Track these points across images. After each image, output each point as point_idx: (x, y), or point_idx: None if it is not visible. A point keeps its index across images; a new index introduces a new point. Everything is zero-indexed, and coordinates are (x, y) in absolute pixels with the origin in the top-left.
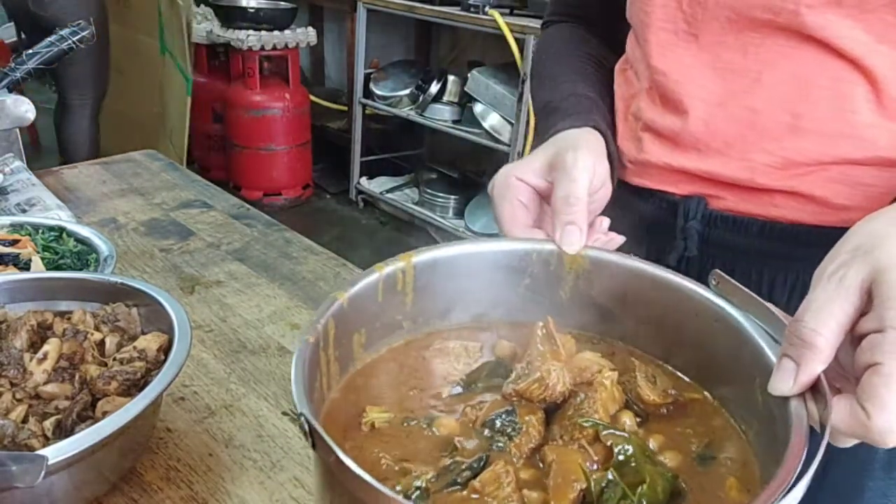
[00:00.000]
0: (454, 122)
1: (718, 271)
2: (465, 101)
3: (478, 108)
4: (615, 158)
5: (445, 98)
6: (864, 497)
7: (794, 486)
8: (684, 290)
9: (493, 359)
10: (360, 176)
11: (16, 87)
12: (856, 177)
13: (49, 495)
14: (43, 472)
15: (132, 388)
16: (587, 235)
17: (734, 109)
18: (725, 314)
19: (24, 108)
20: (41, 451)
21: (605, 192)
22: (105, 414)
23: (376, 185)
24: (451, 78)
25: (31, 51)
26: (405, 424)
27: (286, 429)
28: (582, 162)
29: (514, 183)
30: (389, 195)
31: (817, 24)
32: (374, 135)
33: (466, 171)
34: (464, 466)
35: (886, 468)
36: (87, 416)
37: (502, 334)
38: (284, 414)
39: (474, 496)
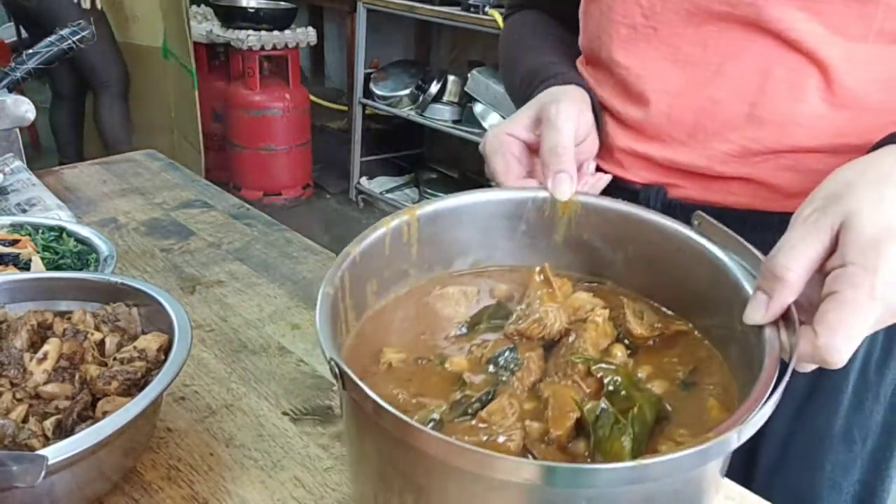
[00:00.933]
0: (454, 122)
1: (700, 212)
2: (465, 101)
3: (478, 108)
4: (599, 111)
5: (445, 98)
6: (825, 470)
7: (766, 402)
8: (668, 229)
9: (492, 302)
10: (360, 176)
11: (16, 87)
12: (807, 164)
13: (50, 495)
14: (43, 472)
15: (132, 387)
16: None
17: (695, 100)
18: (706, 251)
19: (24, 108)
20: (41, 451)
21: (592, 142)
22: (105, 414)
23: (376, 185)
24: (451, 78)
25: (31, 51)
26: (418, 363)
27: (287, 428)
28: (565, 112)
29: (505, 139)
30: (389, 195)
31: (773, 16)
32: (374, 135)
33: (466, 171)
34: (473, 399)
35: (844, 442)
36: (88, 415)
37: (500, 278)
38: (285, 413)
39: (482, 425)
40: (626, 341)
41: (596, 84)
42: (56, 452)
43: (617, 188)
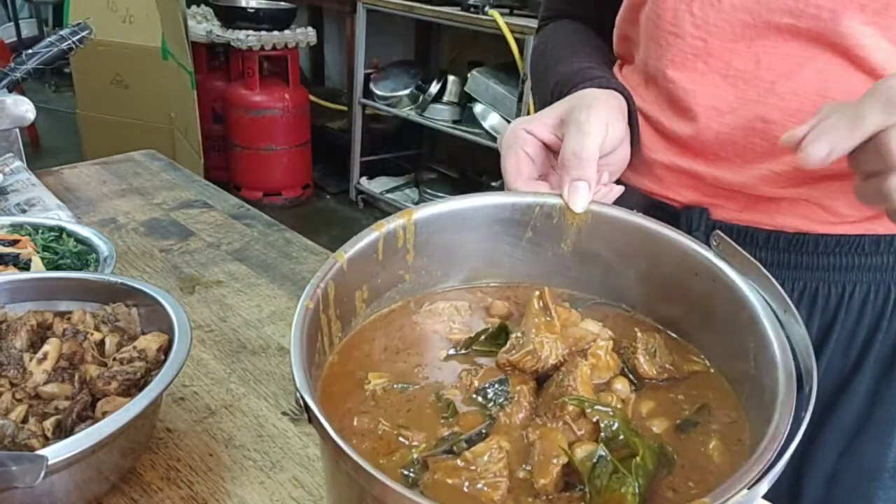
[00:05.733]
0: (454, 122)
1: (720, 232)
2: (465, 101)
3: (478, 108)
4: (636, 121)
5: (445, 98)
6: None
7: (773, 464)
8: (685, 248)
9: (485, 317)
10: (360, 176)
11: (16, 87)
12: None
13: (49, 495)
14: (43, 472)
15: (132, 388)
16: None
17: (745, 119)
18: (724, 276)
19: (24, 108)
20: (41, 451)
21: (622, 155)
22: (105, 414)
23: (376, 185)
24: (451, 78)
25: (31, 51)
26: (404, 390)
27: (286, 429)
28: (595, 119)
29: (521, 135)
30: (389, 195)
31: (840, 30)
32: (374, 135)
33: (466, 171)
34: (462, 437)
35: None
36: (87, 416)
37: (496, 294)
38: (284, 414)
39: (468, 466)
40: (631, 377)
41: (638, 94)
42: (56, 452)
43: (656, 208)
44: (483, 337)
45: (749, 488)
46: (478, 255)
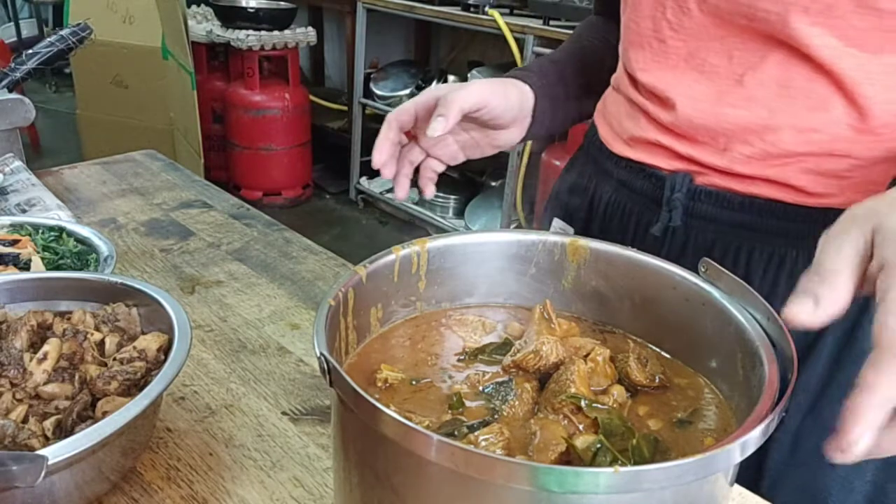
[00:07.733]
0: None
1: (707, 259)
2: None
3: None
4: (538, 112)
5: None
6: (838, 469)
7: (773, 410)
8: (675, 277)
9: (503, 335)
10: (360, 176)
11: (16, 87)
12: (830, 167)
13: (50, 495)
14: (43, 472)
15: (132, 388)
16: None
17: (718, 107)
18: (711, 297)
19: (24, 108)
20: (41, 451)
21: (515, 133)
22: (105, 414)
23: (376, 185)
24: (450, 78)
25: (31, 51)
26: (414, 383)
27: (286, 428)
28: (472, 84)
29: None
30: (389, 195)
31: (788, 31)
32: (374, 135)
33: (466, 171)
34: (465, 424)
35: None
36: (88, 415)
37: (510, 316)
38: (284, 414)
39: (469, 445)
40: (626, 383)
41: (631, 85)
42: (56, 452)
43: (645, 175)
44: (489, 349)
45: (743, 441)
46: (485, 288)
